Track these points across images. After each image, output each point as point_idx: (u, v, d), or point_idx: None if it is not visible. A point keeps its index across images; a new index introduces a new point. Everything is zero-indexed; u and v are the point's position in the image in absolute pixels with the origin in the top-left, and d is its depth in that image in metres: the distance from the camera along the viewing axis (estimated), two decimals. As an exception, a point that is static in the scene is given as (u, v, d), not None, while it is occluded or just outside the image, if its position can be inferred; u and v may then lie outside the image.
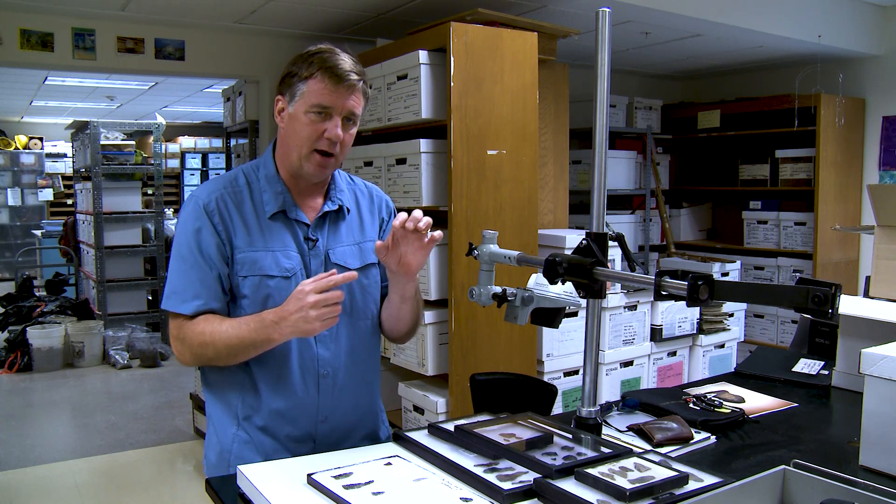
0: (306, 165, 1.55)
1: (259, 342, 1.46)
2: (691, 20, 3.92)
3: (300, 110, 1.52)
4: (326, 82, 1.50)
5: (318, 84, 1.50)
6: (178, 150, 10.93)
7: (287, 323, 1.42)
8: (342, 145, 1.55)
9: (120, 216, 6.61)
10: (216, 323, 1.50)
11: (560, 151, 3.80)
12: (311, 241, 1.59)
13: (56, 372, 5.96)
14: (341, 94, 1.51)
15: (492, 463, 1.34)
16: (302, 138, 1.53)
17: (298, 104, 1.52)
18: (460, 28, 2.92)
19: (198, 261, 1.52)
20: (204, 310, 1.51)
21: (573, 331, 3.36)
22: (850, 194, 5.04)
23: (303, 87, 1.51)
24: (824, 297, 1.08)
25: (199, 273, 1.52)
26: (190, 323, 1.51)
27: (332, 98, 1.50)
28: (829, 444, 1.62)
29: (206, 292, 1.52)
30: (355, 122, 1.57)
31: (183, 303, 1.51)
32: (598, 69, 1.46)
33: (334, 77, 1.50)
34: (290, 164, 1.58)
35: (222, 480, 1.43)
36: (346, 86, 1.51)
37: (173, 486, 3.81)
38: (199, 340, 1.49)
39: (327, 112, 1.51)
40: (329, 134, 1.52)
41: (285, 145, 1.58)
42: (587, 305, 1.51)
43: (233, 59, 4.36)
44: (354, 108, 1.54)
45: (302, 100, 1.52)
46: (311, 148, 1.53)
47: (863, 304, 2.00)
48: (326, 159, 1.54)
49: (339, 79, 1.50)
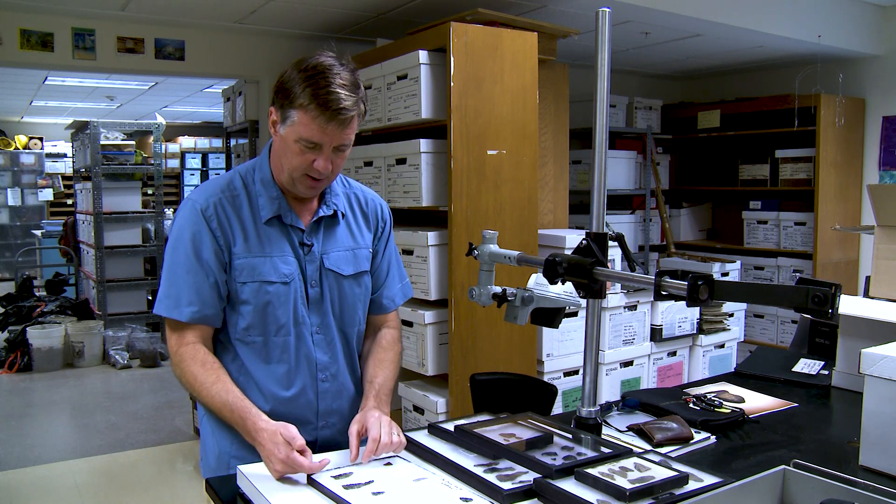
0: (298, 187, 1.53)
1: (237, 426, 1.47)
2: (691, 20, 3.92)
3: (290, 138, 1.47)
4: (318, 119, 1.42)
5: (309, 118, 1.43)
6: (178, 150, 10.93)
7: (259, 446, 1.41)
8: (334, 168, 1.52)
9: (120, 216, 6.61)
10: (211, 375, 1.49)
11: (560, 151, 3.80)
12: (306, 247, 1.58)
13: (56, 372, 5.96)
14: (332, 129, 1.44)
15: (492, 463, 1.34)
16: (292, 165, 1.50)
17: (289, 131, 1.46)
18: (460, 28, 2.92)
19: (194, 266, 1.51)
20: (198, 317, 1.51)
21: (573, 331, 3.36)
22: (850, 194, 5.04)
23: (294, 115, 1.44)
24: (824, 297, 1.08)
25: (195, 279, 1.51)
26: (187, 349, 1.51)
27: (321, 135, 1.44)
28: (829, 444, 1.62)
29: (201, 299, 1.51)
30: (348, 146, 1.53)
31: (177, 308, 1.50)
32: (598, 69, 1.46)
33: (326, 113, 1.42)
34: (282, 177, 1.56)
35: (222, 480, 1.43)
36: (339, 121, 1.44)
37: (173, 486, 3.81)
38: (188, 380, 1.51)
39: (317, 146, 1.47)
40: (318, 165, 1.48)
41: (278, 159, 1.55)
42: (587, 305, 1.51)
43: (233, 59, 4.36)
44: (346, 140, 1.49)
45: (292, 128, 1.45)
46: (301, 174, 1.50)
47: (863, 304, 2.00)
48: (317, 182, 1.52)
49: (331, 115, 1.42)
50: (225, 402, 1.47)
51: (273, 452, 1.35)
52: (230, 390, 1.48)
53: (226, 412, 1.47)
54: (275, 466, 1.34)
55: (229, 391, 1.47)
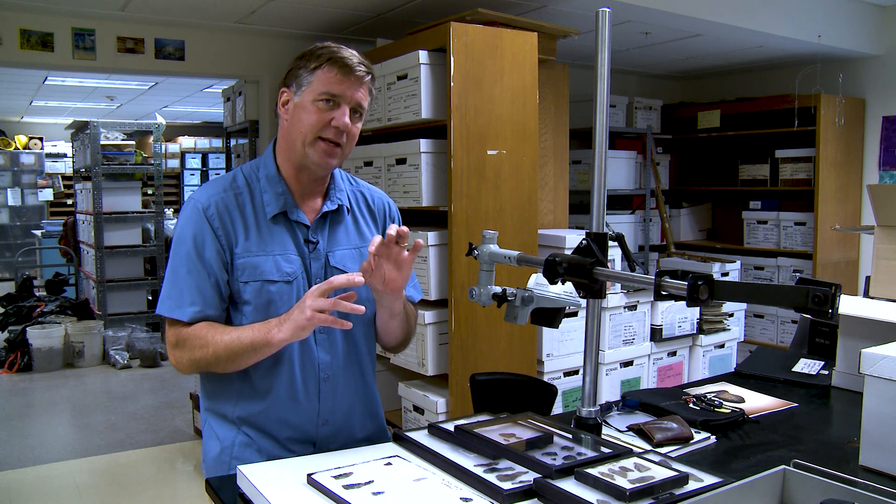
0: (311, 153, 1.52)
1: (258, 343, 1.44)
2: (691, 20, 3.92)
3: (308, 99, 1.51)
4: (336, 71, 1.50)
5: (328, 73, 1.50)
6: (178, 150, 10.93)
7: (287, 318, 1.42)
8: (349, 137, 1.54)
9: (120, 216, 6.61)
10: (217, 327, 1.49)
11: (560, 151, 3.80)
12: (311, 244, 1.58)
13: (56, 372, 5.96)
14: (350, 83, 1.51)
15: (492, 463, 1.34)
16: (308, 126, 1.51)
17: (306, 93, 1.51)
18: (460, 28, 2.92)
19: (196, 266, 1.51)
20: (200, 317, 1.50)
21: (573, 331, 3.36)
22: (850, 194, 5.04)
23: (311, 77, 1.51)
24: (824, 297, 1.08)
25: (196, 279, 1.50)
26: (188, 329, 1.50)
27: (341, 87, 1.50)
28: (829, 444, 1.62)
29: (203, 299, 1.50)
30: (361, 115, 1.56)
31: (179, 308, 1.50)
32: (598, 69, 1.46)
33: (344, 67, 1.50)
34: (294, 156, 1.56)
35: (222, 480, 1.43)
36: (356, 76, 1.51)
37: (173, 486, 3.81)
38: (198, 343, 1.48)
39: (336, 101, 1.50)
40: (337, 122, 1.50)
41: (288, 138, 1.56)
42: (587, 305, 1.51)
43: (233, 59, 4.36)
44: (362, 101, 1.54)
45: (310, 88, 1.51)
46: (317, 136, 1.51)
47: (863, 304, 2.00)
48: (333, 148, 1.52)
49: (348, 69, 1.50)
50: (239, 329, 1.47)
51: (303, 304, 1.41)
52: (244, 326, 1.48)
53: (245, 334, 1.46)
54: (308, 302, 1.40)
55: (244, 327, 1.48)
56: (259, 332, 1.45)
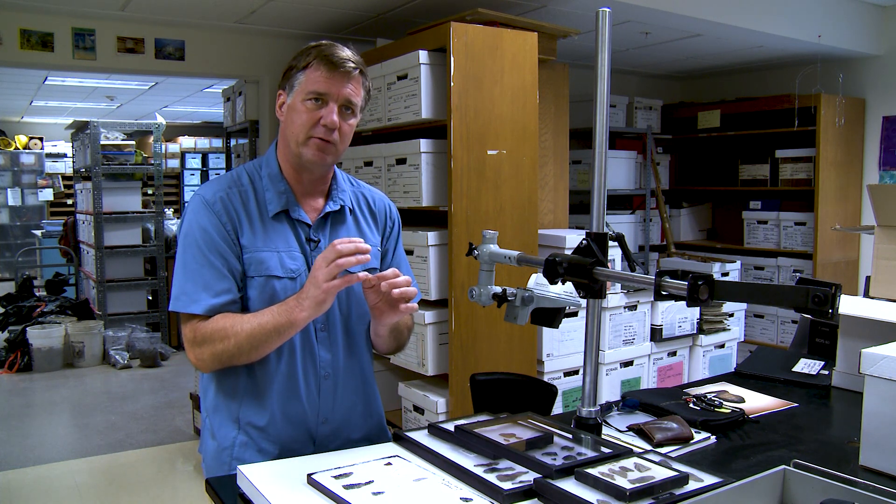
0: (305, 152, 1.53)
1: (282, 326, 1.44)
2: (691, 20, 3.92)
3: (298, 100, 1.53)
4: (322, 70, 1.51)
5: (315, 72, 1.51)
6: (178, 150, 10.92)
7: (304, 296, 1.43)
8: (341, 134, 1.54)
9: (120, 216, 6.61)
10: (235, 317, 1.48)
11: (560, 151, 3.80)
12: (313, 242, 1.59)
13: (56, 372, 5.96)
14: (337, 80, 1.51)
15: (492, 463, 1.34)
16: (299, 126, 1.52)
17: (296, 94, 1.53)
18: (460, 28, 2.92)
19: (206, 258, 1.50)
20: (217, 308, 1.49)
21: (573, 331, 3.36)
22: (850, 194, 5.04)
23: (301, 76, 1.53)
24: (824, 297, 1.08)
25: (209, 270, 1.50)
26: (206, 323, 1.49)
27: (327, 85, 1.51)
28: (829, 444, 1.62)
29: (217, 289, 1.49)
30: (354, 112, 1.56)
31: (194, 302, 1.49)
32: (598, 69, 1.46)
33: (330, 64, 1.50)
34: (291, 157, 1.57)
35: (222, 480, 1.43)
36: (342, 73, 1.51)
37: (173, 486, 3.81)
38: (220, 335, 1.46)
39: (323, 99, 1.51)
40: (325, 120, 1.51)
41: (285, 139, 1.58)
42: (587, 305, 1.51)
43: (233, 59, 4.36)
44: (351, 97, 1.53)
45: (299, 89, 1.53)
46: (308, 135, 1.52)
47: (863, 304, 2.00)
48: (325, 144, 1.53)
49: (334, 66, 1.50)
50: (259, 314, 1.46)
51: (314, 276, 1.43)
52: (261, 312, 1.47)
53: (266, 318, 1.45)
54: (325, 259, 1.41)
55: (262, 313, 1.47)
56: (281, 315, 1.45)
